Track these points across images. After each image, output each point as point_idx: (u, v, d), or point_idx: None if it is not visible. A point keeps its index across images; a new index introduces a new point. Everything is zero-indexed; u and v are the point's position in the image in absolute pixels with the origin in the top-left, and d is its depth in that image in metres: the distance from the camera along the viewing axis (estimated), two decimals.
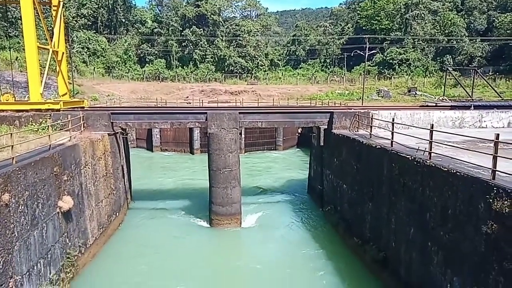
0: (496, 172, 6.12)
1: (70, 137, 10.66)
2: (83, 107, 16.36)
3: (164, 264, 10.45)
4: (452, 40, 50.32)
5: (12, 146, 7.49)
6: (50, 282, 8.16)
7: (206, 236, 12.74)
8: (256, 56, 56.35)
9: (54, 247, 8.55)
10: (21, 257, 7.15)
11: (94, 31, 53.36)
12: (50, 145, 9.15)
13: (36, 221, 7.78)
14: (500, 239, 5.67)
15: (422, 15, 52.31)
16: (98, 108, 18.13)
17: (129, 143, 17.46)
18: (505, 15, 48.61)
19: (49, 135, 9.41)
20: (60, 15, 15.33)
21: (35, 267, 7.64)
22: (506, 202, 5.56)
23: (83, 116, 12.71)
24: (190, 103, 34.36)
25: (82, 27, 51.60)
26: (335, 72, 55.92)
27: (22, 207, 7.25)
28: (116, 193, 13.51)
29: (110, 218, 12.61)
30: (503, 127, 14.20)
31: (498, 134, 6.35)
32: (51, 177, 8.54)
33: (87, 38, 50.15)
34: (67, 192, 9.31)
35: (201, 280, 9.77)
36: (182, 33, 55.04)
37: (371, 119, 12.39)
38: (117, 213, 13.48)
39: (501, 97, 24.50)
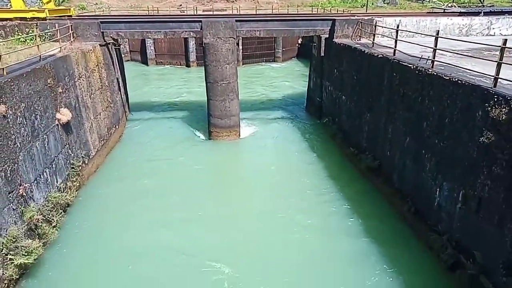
0: (498, 79, 6.02)
1: (60, 47, 10.23)
2: (70, 16, 15.43)
3: (165, 174, 10.89)
4: None
5: (0, 56, 7.19)
6: (58, 190, 8.55)
7: (206, 147, 13.05)
8: None
9: (58, 157, 8.78)
10: (27, 166, 7.38)
11: None
12: (40, 56, 8.82)
13: (37, 133, 7.86)
14: (493, 145, 5.79)
15: None
16: (86, 17, 17.15)
17: (122, 56, 16.89)
18: None
19: (37, 45, 9.03)
20: None
21: (41, 176, 7.93)
22: (504, 109, 5.55)
23: (71, 25, 12.04)
24: (183, 11, 32.38)
25: None
26: None
27: (21, 119, 7.27)
28: (114, 106, 13.48)
29: (109, 130, 12.76)
30: None
31: (506, 40, 6.08)
32: (46, 89, 8.41)
33: None
34: (64, 104, 9.26)
35: (202, 187, 10.26)
36: None
37: (375, 26, 11.81)
38: (116, 126, 13.61)
39: None
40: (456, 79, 6.68)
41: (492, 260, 5.83)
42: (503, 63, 6.03)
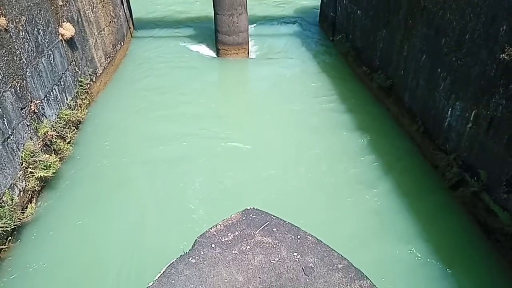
0: None
1: None
2: None
3: (173, 89, 10.88)
4: None
5: None
6: (69, 107, 8.64)
7: (214, 65, 12.78)
8: None
9: (65, 74, 8.72)
10: (35, 83, 7.37)
11: None
12: None
13: (41, 48, 7.70)
14: None
15: None
16: None
17: None
18: None
19: None
20: None
21: (51, 93, 7.96)
22: None
23: None
24: None
25: None
26: None
27: (23, 33, 7.06)
28: (118, 21, 12.95)
29: (115, 47, 12.44)
30: None
31: None
32: (45, 1, 8.02)
33: None
34: (66, 18, 8.91)
35: (210, 104, 10.30)
36: None
37: None
38: (122, 43, 13.23)
39: None
40: None
41: (496, 178, 5.96)
42: None
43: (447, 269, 5.62)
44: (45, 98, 7.70)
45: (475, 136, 6.49)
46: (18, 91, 6.72)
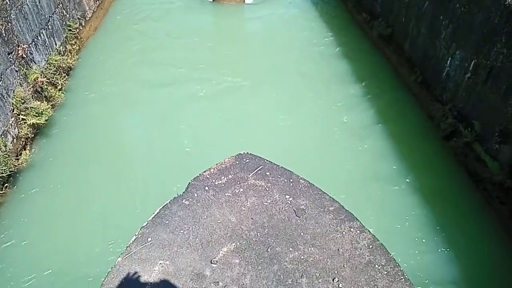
0: None
1: None
2: None
3: (165, 35, 10.54)
4: None
5: None
6: (58, 52, 8.36)
7: (208, 10, 12.24)
8: None
9: (53, 18, 8.34)
10: (21, 26, 7.06)
11: None
12: None
13: None
14: None
15: None
16: None
17: None
18: None
19: None
20: None
21: (38, 37, 7.65)
22: None
23: None
24: None
25: None
26: None
27: None
28: None
29: None
30: None
31: None
32: None
33: None
34: None
35: (203, 48, 10.05)
36: None
37: None
38: None
39: None
40: None
41: (490, 129, 5.97)
42: None
43: (434, 217, 5.79)
44: (33, 43, 7.41)
45: (472, 87, 6.41)
46: (4, 34, 6.45)
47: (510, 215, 5.54)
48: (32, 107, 6.84)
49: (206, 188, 3.36)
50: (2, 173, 5.79)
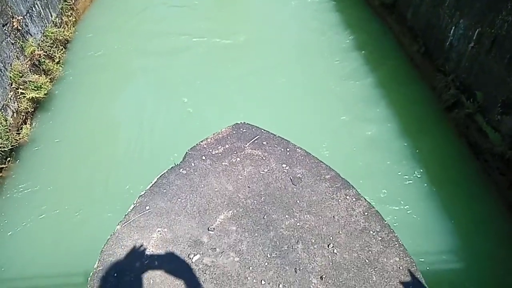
0: None
1: None
2: None
3: (164, 5, 10.33)
4: None
5: None
6: (54, 24, 8.22)
7: None
8: None
9: None
10: None
11: None
12: None
13: None
14: None
15: None
16: None
17: None
18: None
19: None
20: None
21: (33, 8, 7.51)
22: None
23: None
24: None
25: None
26: None
27: None
28: None
29: None
30: None
31: None
32: None
33: None
34: None
35: (205, 19, 9.86)
36: None
37: None
38: None
39: None
40: None
41: (492, 99, 5.90)
42: None
43: (433, 187, 5.81)
44: (28, 14, 7.29)
45: (476, 56, 6.29)
46: None
47: (510, 186, 5.56)
48: (31, 81, 6.79)
49: (203, 157, 3.37)
50: (4, 148, 5.83)
